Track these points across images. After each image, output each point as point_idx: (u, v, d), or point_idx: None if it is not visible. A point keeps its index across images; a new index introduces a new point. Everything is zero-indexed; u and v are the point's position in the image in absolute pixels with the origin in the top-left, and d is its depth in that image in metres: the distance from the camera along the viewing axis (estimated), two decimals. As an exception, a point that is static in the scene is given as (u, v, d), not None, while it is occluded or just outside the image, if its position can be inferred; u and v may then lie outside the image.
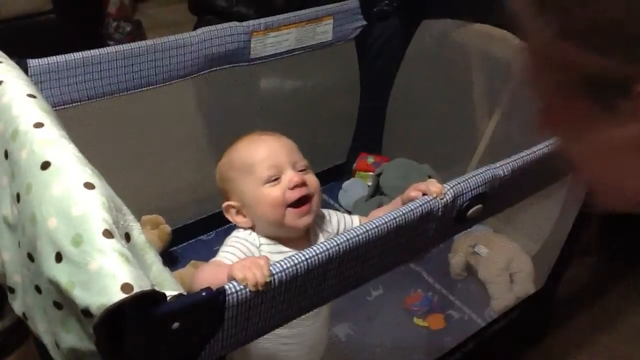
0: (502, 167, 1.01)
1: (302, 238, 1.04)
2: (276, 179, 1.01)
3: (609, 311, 1.76)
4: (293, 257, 0.76)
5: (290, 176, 1.00)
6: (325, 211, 1.12)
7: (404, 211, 0.88)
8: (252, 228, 1.04)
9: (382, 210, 1.11)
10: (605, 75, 0.42)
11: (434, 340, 1.44)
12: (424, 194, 0.93)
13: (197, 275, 0.94)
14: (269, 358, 1.05)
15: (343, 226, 1.11)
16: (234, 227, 1.07)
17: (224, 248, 1.01)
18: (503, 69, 1.63)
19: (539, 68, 0.47)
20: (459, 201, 0.96)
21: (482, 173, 0.98)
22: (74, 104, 1.25)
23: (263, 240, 1.03)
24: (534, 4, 0.45)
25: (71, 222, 0.66)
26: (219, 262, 0.96)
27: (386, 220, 0.85)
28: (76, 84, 1.24)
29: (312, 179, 1.03)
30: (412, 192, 0.95)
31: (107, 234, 0.65)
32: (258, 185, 1.01)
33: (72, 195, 0.68)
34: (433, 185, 0.93)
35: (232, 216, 1.05)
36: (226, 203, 1.05)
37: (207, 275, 0.89)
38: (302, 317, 0.91)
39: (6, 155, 0.80)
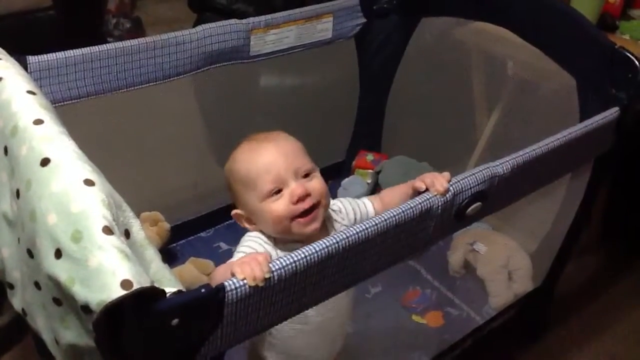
0: (502, 165, 1.01)
1: (317, 233, 1.03)
2: (278, 191, 0.98)
3: (608, 309, 1.76)
4: (292, 255, 0.76)
5: (292, 189, 0.97)
6: (338, 202, 1.10)
7: (403, 208, 0.88)
8: (263, 232, 1.02)
9: (393, 189, 1.11)
10: None
11: (433, 337, 1.44)
12: (426, 189, 0.93)
13: (212, 276, 0.93)
14: (289, 350, 1.06)
15: (359, 215, 1.10)
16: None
17: (239, 248, 1.00)
18: (502, 67, 1.63)
19: None
20: (458, 199, 0.96)
21: (481, 171, 0.99)
22: (73, 101, 1.25)
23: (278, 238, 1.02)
24: None
25: (71, 219, 0.66)
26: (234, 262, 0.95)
27: (385, 217, 0.86)
28: (76, 80, 1.24)
29: (316, 185, 0.99)
30: (417, 182, 0.96)
31: (107, 230, 0.65)
32: (260, 200, 0.98)
33: (72, 191, 0.68)
34: (439, 183, 0.93)
35: (242, 223, 1.04)
36: (234, 211, 1.04)
37: (220, 275, 0.88)
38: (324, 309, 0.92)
39: (6, 151, 0.80)
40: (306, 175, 1.00)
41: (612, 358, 1.62)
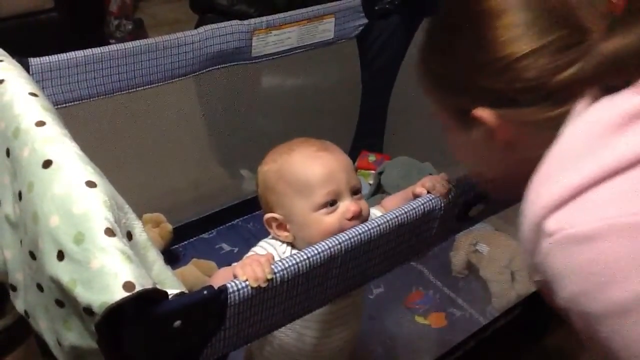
0: (504, 166, 1.00)
1: None
2: (332, 204, 0.95)
3: (610, 309, 1.76)
4: (295, 256, 0.76)
5: (348, 205, 0.95)
6: None
7: (406, 209, 0.88)
8: (291, 244, 0.99)
9: (394, 197, 1.10)
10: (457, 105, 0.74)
11: (436, 338, 1.44)
12: (428, 192, 0.93)
13: (212, 278, 0.92)
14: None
15: None
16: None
17: (248, 254, 0.97)
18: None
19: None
20: (460, 200, 0.95)
21: (483, 171, 0.98)
22: (75, 103, 1.25)
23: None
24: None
25: (73, 221, 0.66)
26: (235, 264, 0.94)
27: (388, 218, 0.85)
28: (77, 82, 1.24)
29: (365, 205, 0.98)
30: (418, 188, 0.95)
31: (109, 232, 0.65)
32: (312, 208, 0.95)
33: (74, 193, 0.68)
34: (440, 185, 0.93)
35: (273, 229, 0.99)
36: (269, 215, 0.99)
37: (219, 277, 0.87)
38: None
39: (8, 153, 0.80)
40: (355, 193, 0.98)
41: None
